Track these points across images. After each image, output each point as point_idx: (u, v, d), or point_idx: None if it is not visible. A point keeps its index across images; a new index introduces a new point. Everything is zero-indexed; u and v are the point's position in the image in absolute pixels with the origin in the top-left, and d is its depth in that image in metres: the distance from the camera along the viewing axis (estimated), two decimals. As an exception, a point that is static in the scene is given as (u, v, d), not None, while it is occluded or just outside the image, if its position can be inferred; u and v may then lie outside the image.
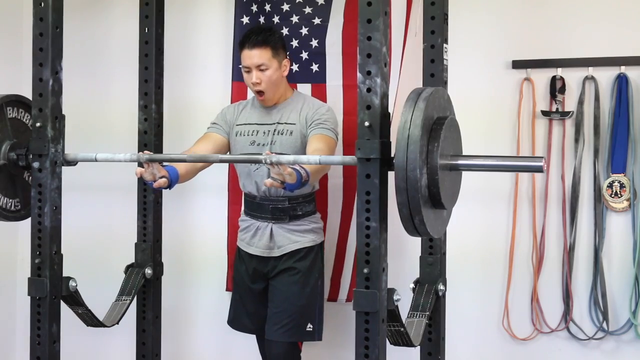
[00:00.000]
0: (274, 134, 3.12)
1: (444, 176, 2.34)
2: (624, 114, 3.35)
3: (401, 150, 2.23)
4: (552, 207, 3.46)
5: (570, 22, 3.42)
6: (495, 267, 3.53)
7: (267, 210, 3.15)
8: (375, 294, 2.35)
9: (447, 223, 2.59)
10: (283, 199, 3.12)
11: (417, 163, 2.21)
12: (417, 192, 2.22)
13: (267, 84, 3.09)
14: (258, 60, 3.07)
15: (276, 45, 3.11)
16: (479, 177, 3.39)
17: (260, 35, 3.09)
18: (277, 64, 3.11)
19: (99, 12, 4.02)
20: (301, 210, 3.16)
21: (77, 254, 3.44)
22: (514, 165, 2.76)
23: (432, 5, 2.87)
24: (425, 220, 2.28)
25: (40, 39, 2.81)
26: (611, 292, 3.40)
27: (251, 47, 3.07)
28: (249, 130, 3.16)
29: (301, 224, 3.17)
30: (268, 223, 3.16)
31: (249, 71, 3.11)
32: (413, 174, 2.21)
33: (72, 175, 3.11)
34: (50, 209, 2.81)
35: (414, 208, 2.25)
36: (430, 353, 2.94)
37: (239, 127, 3.19)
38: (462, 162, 2.46)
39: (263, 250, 3.18)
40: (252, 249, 3.21)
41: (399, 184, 2.24)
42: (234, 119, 3.23)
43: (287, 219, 3.14)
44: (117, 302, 3.13)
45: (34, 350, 2.82)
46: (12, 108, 3.00)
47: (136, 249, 3.29)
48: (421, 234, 2.36)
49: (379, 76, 2.35)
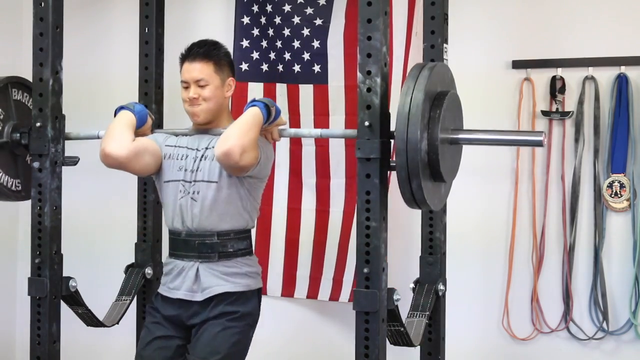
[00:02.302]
0: (201, 159, 2.70)
1: (444, 148, 2.33)
2: (624, 114, 3.35)
3: (403, 116, 2.23)
4: (552, 207, 3.46)
5: (570, 22, 3.42)
6: (495, 267, 3.53)
7: (194, 247, 2.68)
8: (375, 294, 2.35)
9: (446, 197, 2.56)
10: (211, 234, 2.66)
11: (418, 126, 2.21)
12: (417, 157, 2.22)
13: (205, 101, 2.70)
14: (198, 75, 2.69)
15: (220, 61, 2.73)
16: (478, 177, 3.40)
17: (203, 47, 2.73)
18: (219, 82, 2.71)
19: (99, 12, 4.03)
20: (232, 248, 2.69)
21: (77, 254, 3.45)
22: (514, 139, 2.75)
23: (432, 5, 2.87)
24: (423, 188, 2.26)
25: (41, 39, 2.81)
26: (611, 292, 3.40)
27: (192, 60, 2.71)
28: (178, 154, 2.75)
29: (232, 266, 2.69)
30: (194, 262, 2.68)
31: (187, 87, 2.72)
32: (414, 137, 2.20)
33: (72, 175, 3.11)
34: (50, 209, 2.81)
35: (412, 173, 2.23)
36: (430, 353, 2.94)
37: (168, 148, 2.77)
38: (463, 135, 2.46)
39: (186, 293, 2.68)
40: (175, 292, 2.70)
41: (400, 150, 2.22)
42: (163, 141, 2.80)
43: (216, 257, 2.67)
44: (117, 302, 3.13)
45: (34, 350, 2.82)
46: (17, 90, 3.00)
47: (136, 249, 3.29)
48: (419, 204, 2.32)
49: (379, 76, 2.35)
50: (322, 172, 3.64)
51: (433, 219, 2.93)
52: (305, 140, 3.65)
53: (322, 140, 3.59)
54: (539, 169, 3.47)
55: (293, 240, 3.71)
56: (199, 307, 2.67)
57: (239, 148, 2.50)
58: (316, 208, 3.66)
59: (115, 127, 2.71)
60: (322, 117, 3.61)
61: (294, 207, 3.71)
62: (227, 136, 2.54)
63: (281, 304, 3.77)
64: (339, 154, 3.59)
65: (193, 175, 2.69)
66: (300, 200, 3.70)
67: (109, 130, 2.71)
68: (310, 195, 3.67)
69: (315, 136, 2.50)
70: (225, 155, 2.51)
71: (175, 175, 2.72)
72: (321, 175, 3.65)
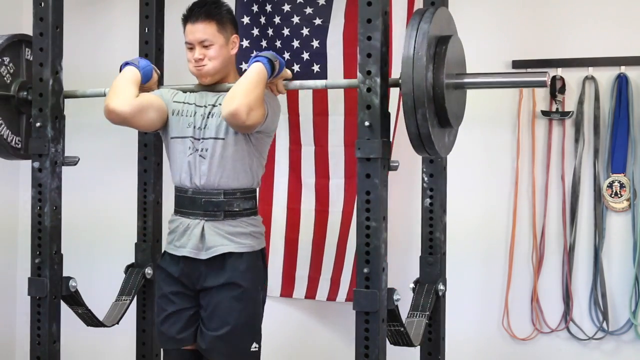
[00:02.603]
0: (209, 116, 2.74)
1: (450, 93, 2.38)
2: (624, 114, 3.34)
3: (408, 59, 2.29)
4: (552, 207, 3.46)
5: (570, 22, 3.42)
6: (495, 267, 3.53)
7: (200, 205, 2.72)
8: (375, 294, 2.35)
9: (452, 145, 2.60)
10: (218, 192, 2.71)
11: (423, 68, 2.28)
12: (423, 97, 2.28)
13: (210, 60, 2.73)
14: (201, 36, 2.71)
15: (222, 20, 2.74)
16: (478, 176, 3.40)
17: (204, 7, 2.73)
18: (224, 40, 2.74)
19: (99, 12, 4.02)
20: (238, 207, 2.72)
21: (77, 254, 3.45)
22: (517, 81, 2.81)
23: (432, 6, 2.87)
24: (433, 136, 2.32)
25: (41, 39, 2.81)
26: (611, 292, 3.40)
27: (194, 21, 2.72)
28: (186, 110, 2.79)
29: (237, 225, 2.73)
30: (200, 220, 2.72)
31: (191, 48, 2.75)
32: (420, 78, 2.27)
33: (72, 175, 3.11)
34: (50, 209, 2.81)
35: (420, 114, 2.29)
36: (430, 353, 2.94)
37: (176, 104, 2.81)
38: (468, 80, 2.52)
39: (191, 251, 2.74)
40: (181, 250, 2.76)
41: (406, 92, 2.29)
42: (171, 97, 2.84)
43: (222, 216, 2.71)
44: (117, 302, 3.13)
45: (34, 350, 2.82)
46: (30, 50, 3.02)
47: (136, 249, 3.29)
48: (429, 152, 2.40)
49: (379, 76, 2.36)
50: (321, 172, 3.64)
51: (433, 219, 2.93)
52: (304, 140, 3.66)
53: (322, 140, 3.59)
54: (539, 169, 3.47)
55: (292, 240, 3.71)
56: (205, 266, 2.73)
57: (245, 107, 2.53)
58: (315, 208, 3.67)
59: (119, 83, 2.75)
60: (321, 117, 3.61)
61: (293, 207, 3.71)
62: (233, 95, 2.57)
63: (280, 304, 3.77)
64: (337, 154, 3.60)
65: (201, 133, 2.73)
66: (300, 200, 3.70)
67: (113, 86, 2.74)
68: (310, 195, 3.68)
69: (320, 87, 2.59)
70: (232, 116, 2.54)
71: (184, 132, 2.76)
72: (320, 175, 3.65)
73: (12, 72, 2.96)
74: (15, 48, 3.00)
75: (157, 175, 3.29)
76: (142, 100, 2.73)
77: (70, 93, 2.98)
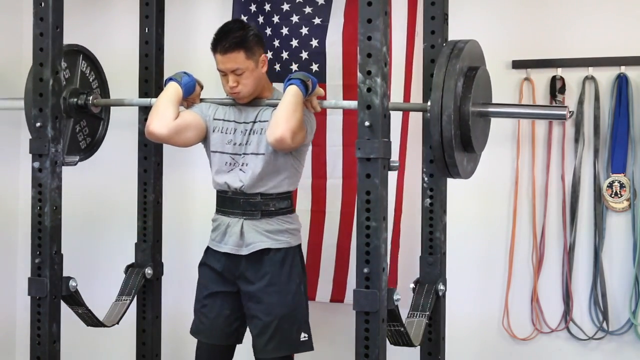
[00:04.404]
0: (250, 133, 2.91)
1: (475, 120, 2.54)
2: (624, 114, 3.35)
3: (437, 88, 2.46)
4: (552, 207, 3.46)
5: (570, 22, 3.42)
6: (495, 267, 3.53)
7: (239, 204, 2.91)
8: (375, 294, 2.35)
9: (474, 169, 2.76)
10: (255, 194, 2.90)
11: (451, 98, 2.44)
12: (449, 127, 2.44)
13: (244, 86, 2.88)
14: (232, 65, 2.84)
15: (249, 45, 2.86)
16: (479, 176, 3.40)
17: (230, 36, 2.84)
18: (254, 65, 2.87)
19: (99, 12, 4.02)
20: (274, 207, 2.91)
21: (77, 254, 3.45)
22: (539, 113, 3.00)
23: (432, 5, 2.88)
24: (457, 161, 2.50)
25: (41, 39, 2.81)
26: (611, 292, 3.40)
27: (223, 52, 2.85)
28: (227, 128, 2.96)
29: (274, 223, 2.92)
30: (239, 219, 2.92)
31: (225, 75, 2.90)
32: (447, 109, 2.44)
33: (72, 175, 3.11)
34: (51, 209, 2.81)
35: (446, 143, 2.46)
36: (430, 353, 2.94)
37: (217, 122, 2.98)
38: (493, 109, 2.72)
39: (232, 247, 2.93)
40: (222, 247, 2.96)
41: (433, 121, 2.46)
42: (212, 113, 3.00)
43: (259, 215, 2.90)
44: (117, 302, 3.13)
45: (34, 350, 2.82)
46: (85, 63, 3.19)
47: (136, 249, 3.29)
48: (452, 176, 2.59)
49: (379, 76, 2.36)
50: (319, 172, 3.63)
51: (433, 219, 2.93)
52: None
53: (320, 140, 3.58)
54: (539, 169, 3.47)
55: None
56: (246, 261, 2.92)
57: (289, 132, 2.73)
58: (311, 208, 3.65)
59: (160, 103, 2.91)
60: (321, 117, 3.60)
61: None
62: (276, 123, 2.75)
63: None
64: (336, 154, 3.59)
65: (242, 149, 2.91)
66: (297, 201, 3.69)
67: (155, 105, 2.92)
68: (306, 195, 3.66)
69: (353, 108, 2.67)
70: (279, 142, 2.75)
71: (224, 148, 2.95)
72: (317, 176, 3.63)
73: (66, 77, 3.03)
74: (73, 57, 3.11)
75: (157, 175, 3.29)
76: (180, 122, 2.90)
77: (117, 101, 3.16)
